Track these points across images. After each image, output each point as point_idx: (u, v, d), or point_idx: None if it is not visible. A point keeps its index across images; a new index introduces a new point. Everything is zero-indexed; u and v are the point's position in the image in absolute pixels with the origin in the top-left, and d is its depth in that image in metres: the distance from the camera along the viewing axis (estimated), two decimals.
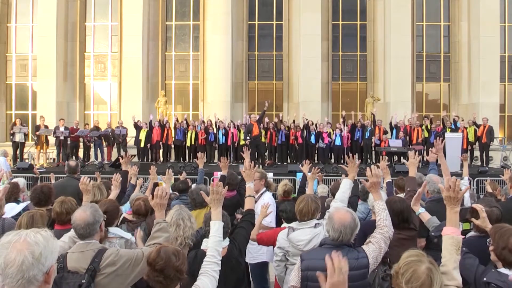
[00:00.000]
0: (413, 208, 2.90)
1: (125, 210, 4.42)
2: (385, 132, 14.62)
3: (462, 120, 14.89)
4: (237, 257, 2.84)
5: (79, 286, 2.28)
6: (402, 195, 5.15)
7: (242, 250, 2.97)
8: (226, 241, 2.94)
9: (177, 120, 15.49)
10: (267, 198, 4.52)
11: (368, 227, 3.80)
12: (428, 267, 1.86)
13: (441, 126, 14.50)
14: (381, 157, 5.24)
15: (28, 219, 3.04)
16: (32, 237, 1.46)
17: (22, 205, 4.26)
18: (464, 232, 2.89)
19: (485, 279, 2.30)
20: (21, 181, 5.54)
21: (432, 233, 2.70)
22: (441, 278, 1.87)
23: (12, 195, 4.73)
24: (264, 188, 4.69)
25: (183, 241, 2.93)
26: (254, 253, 4.42)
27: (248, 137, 13.26)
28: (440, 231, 2.63)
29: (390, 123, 14.77)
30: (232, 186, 4.78)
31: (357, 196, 5.56)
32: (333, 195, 4.73)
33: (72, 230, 2.81)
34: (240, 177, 5.03)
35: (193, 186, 5.13)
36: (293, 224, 3.32)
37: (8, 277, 1.41)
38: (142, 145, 14.62)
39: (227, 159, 5.67)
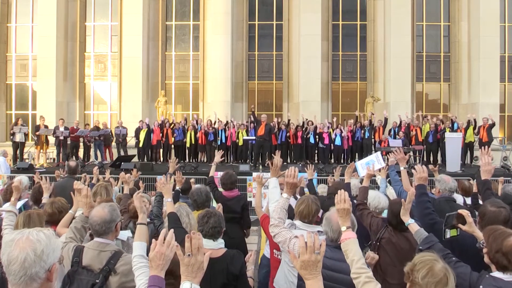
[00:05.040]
0: (402, 218, 2.86)
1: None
2: (385, 125, 14.69)
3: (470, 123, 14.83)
4: (227, 264, 2.82)
5: (92, 285, 2.29)
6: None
7: (237, 264, 2.84)
8: (221, 243, 2.90)
9: (173, 122, 15.44)
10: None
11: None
12: (444, 266, 1.85)
13: (441, 125, 14.54)
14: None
15: (25, 219, 3.05)
16: (35, 235, 1.49)
17: (21, 202, 4.27)
18: (452, 239, 2.89)
19: (481, 286, 2.25)
20: (24, 179, 5.53)
21: (420, 247, 2.68)
22: (454, 278, 1.85)
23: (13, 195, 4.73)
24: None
25: None
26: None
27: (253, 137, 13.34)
28: (428, 243, 2.63)
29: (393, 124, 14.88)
30: (226, 186, 4.75)
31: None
32: (333, 195, 4.73)
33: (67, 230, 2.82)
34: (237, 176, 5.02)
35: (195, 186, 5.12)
36: (297, 222, 3.26)
37: (11, 274, 1.44)
38: (140, 145, 14.69)
39: (227, 159, 5.67)
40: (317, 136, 14.60)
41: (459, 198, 4.95)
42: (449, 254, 2.52)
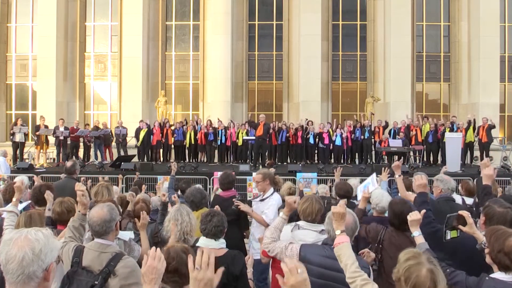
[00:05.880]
0: (410, 228, 2.86)
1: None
2: (385, 127, 14.69)
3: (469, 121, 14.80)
4: (228, 265, 2.84)
5: (92, 286, 2.30)
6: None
7: (237, 265, 2.86)
8: (223, 243, 2.93)
9: (174, 123, 15.47)
10: (274, 201, 4.43)
11: (367, 223, 3.82)
12: (429, 269, 1.86)
13: (442, 126, 14.55)
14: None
15: (26, 219, 3.05)
16: (33, 235, 1.51)
17: (23, 205, 4.26)
18: (452, 240, 2.89)
19: None
20: (24, 179, 5.50)
21: None
22: (442, 274, 1.88)
23: (13, 195, 4.70)
24: (272, 189, 4.57)
25: (182, 236, 2.93)
26: (258, 248, 4.42)
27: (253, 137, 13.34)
28: None
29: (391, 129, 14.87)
30: (224, 185, 4.71)
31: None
32: (339, 196, 4.74)
33: (67, 231, 2.82)
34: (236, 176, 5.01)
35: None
36: (300, 223, 3.27)
37: (9, 273, 1.45)
38: (139, 144, 14.78)
39: (227, 159, 5.66)
40: (317, 137, 14.63)
41: (457, 198, 4.95)
42: (444, 266, 2.52)
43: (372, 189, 4.06)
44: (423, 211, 2.96)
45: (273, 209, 4.35)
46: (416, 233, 2.75)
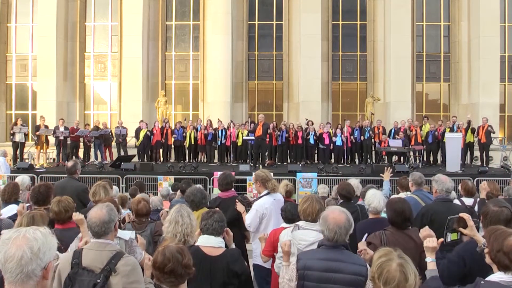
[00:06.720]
0: (426, 253, 2.77)
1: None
2: (384, 132, 14.66)
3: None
4: (228, 263, 2.85)
5: (94, 285, 2.30)
6: (403, 194, 5.18)
7: (238, 263, 2.91)
8: (221, 242, 2.95)
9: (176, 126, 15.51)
10: (254, 206, 4.34)
11: (365, 226, 3.80)
12: (399, 263, 1.89)
13: (442, 126, 14.57)
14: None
15: (29, 220, 3.05)
16: (32, 233, 1.51)
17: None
18: (452, 243, 2.86)
19: None
20: (25, 178, 5.45)
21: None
22: (413, 267, 1.91)
23: (12, 195, 4.68)
24: (266, 191, 4.45)
25: (182, 237, 2.94)
26: (258, 254, 4.40)
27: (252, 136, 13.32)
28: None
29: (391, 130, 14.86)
30: (222, 186, 4.68)
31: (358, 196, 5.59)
32: (341, 196, 4.73)
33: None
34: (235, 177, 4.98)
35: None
36: (300, 223, 3.29)
37: (8, 272, 1.46)
38: (138, 143, 14.80)
39: (226, 159, 5.62)
40: (316, 138, 14.62)
41: (454, 201, 4.92)
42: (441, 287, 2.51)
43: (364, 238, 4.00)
44: (441, 239, 2.83)
45: (250, 214, 4.27)
46: (429, 259, 2.72)
